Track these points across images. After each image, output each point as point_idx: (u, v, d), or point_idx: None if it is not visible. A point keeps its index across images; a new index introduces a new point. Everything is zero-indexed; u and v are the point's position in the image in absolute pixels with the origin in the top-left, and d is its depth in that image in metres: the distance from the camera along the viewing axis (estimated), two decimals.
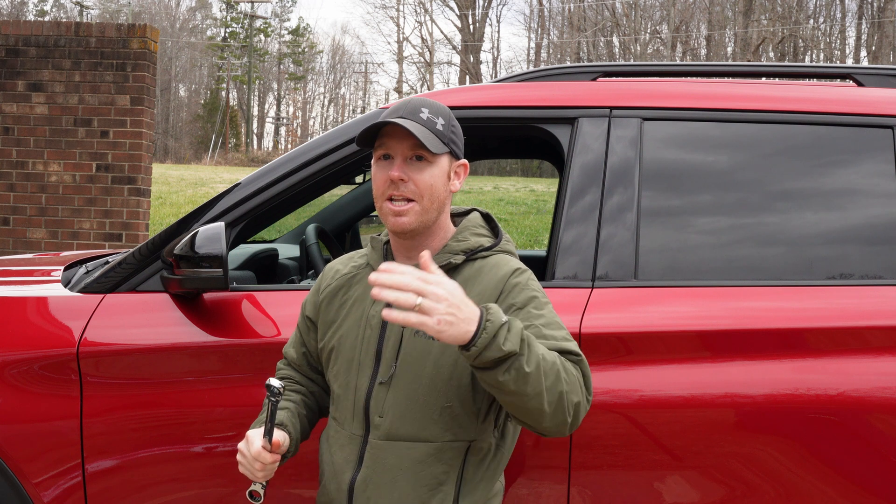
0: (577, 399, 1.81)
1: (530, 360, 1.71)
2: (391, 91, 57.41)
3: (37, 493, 2.42)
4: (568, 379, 1.79)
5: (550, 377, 1.75)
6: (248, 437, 1.93)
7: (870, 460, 2.31)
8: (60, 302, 2.61)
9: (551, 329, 1.90)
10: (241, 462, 1.94)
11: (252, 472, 1.93)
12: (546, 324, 1.90)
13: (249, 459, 1.92)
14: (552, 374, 1.75)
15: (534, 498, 2.36)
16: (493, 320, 1.69)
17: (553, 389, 1.75)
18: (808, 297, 2.42)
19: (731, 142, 2.57)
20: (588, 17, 44.43)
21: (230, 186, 2.64)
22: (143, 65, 6.93)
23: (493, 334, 1.68)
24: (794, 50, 38.79)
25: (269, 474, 1.93)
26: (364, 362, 1.98)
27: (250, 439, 1.92)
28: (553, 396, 1.75)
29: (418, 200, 1.95)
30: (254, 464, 1.91)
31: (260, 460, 1.90)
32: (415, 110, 1.95)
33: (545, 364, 1.74)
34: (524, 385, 1.72)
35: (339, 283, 2.09)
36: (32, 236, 7.03)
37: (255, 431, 1.94)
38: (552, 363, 1.76)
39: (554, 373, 1.76)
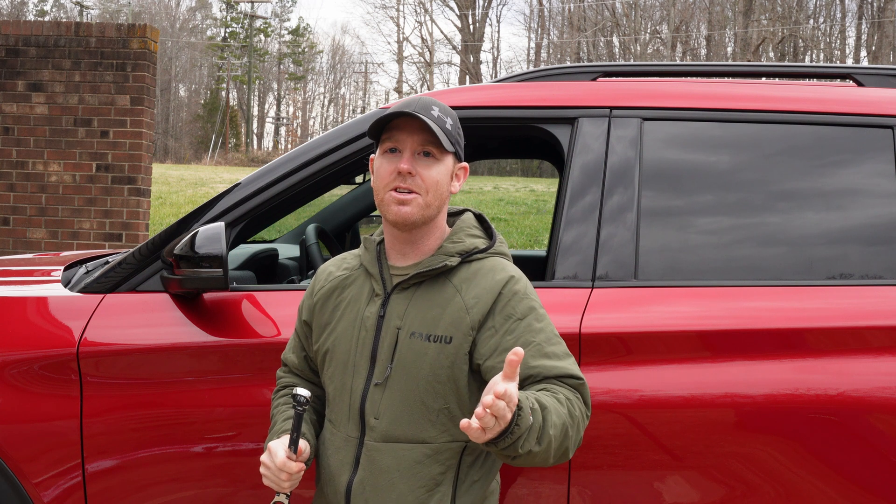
0: (578, 437, 1.86)
1: (542, 442, 1.75)
2: (391, 91, 57.44)
3: (37, 493, 2.42)
4: (574, 429, 1.83)
5: (558, 441, 1.79)
6: (270, 449, 1.91)
7: (870, 460, 2.31)
8: (60, 302, 2.61)
9: (552, 345, 1.92)
10: (266, 474, 1.92)
11: (278, 483, 1.91)
12: (547, 339, 1.92)
13: (274, 471, 1.90)
14: (560, 437, 1.79)
15: (534, 498, 2.36)
16: (521, 426, 1.69)
17: (560, 448, 1.81)
18: (808, 297, 2.42)
19: (732, 142, 2.57)
20: (588, 17, 44.44)
21: (230, 186, 2.64)
22: (143, 65, 6.93)
23: (515, 439, 1.70)
24: (794, 50, 38.79)
25: (294, 484, 1.92)
26: (359, 364, 1.98)
27: (273, 450, 1.91)
28: (559, 453, 1.82)
29: (423, 195, 1.95)
30: (280, 474, 1.89)
31: (286, 470, 1.89)
32: (426, 107, 1.95)
33: (556, 433, 1.77)
34: (531, 460, 1.78)
35: (333, 286, 2.09)
36: (32, 236, 7.03)
37: (277, 442, 1.93)
38: (561, 427, 1.79)
39: (562, 436, 1.80)
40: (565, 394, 1.86)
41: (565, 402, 1.84)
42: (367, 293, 2.02)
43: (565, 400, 1.84)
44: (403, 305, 1.97)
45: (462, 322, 1.92)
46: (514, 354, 1.62)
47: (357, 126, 2.60)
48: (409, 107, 1.94)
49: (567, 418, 1.81)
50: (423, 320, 1.94)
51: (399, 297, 1.98)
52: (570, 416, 1.83)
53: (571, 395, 1.87)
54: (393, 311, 1.97)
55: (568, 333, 2.33)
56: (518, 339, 1.90)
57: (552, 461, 1.82)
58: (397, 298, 1.98)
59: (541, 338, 1.92)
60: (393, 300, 1.98)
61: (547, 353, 1.90)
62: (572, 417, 1.83)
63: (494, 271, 1.98)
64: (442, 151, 1.97)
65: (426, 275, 1.97)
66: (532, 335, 1.91)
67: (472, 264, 2.00)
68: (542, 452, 1.76)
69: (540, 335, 1.92)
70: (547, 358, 1.89)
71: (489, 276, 1.97)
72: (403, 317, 1.96)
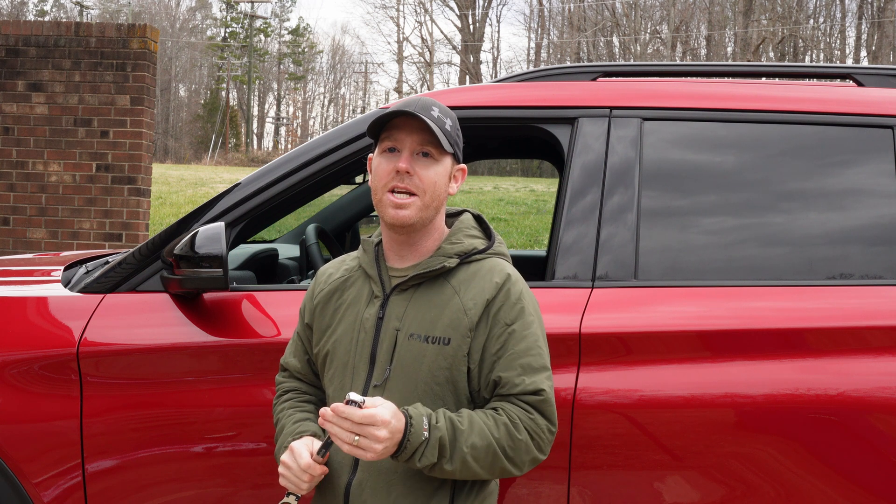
0: (530, 456, 1.91)
1: (454, 460, 1.83)
2: (391, 91, 57.43)
3: (37, 493, 2.42)
4: (512, 449, 1.88)
5: (485, 461, 1.86)
6: (294, 449, 1.91)
7: (870, 460, 2.31)
8: (60, 302, 2.61)
9: (530, 356, 1.93)
10: (285, 475, 1.91)
11: (298, 484, 1.90)
12: (526, 350, 1.93)
13: (296, 472, 1.89)
14: (486, 458, 1.86)
15: (534, 498, 2.36)
16: (412, 441, 1.80)
17: (493, 466, 1.88)
18: (809, 297, 2.42)
19: (731, 142, 2.57)
20: (588, 17, 44.43)
21: (230, 186, 2.64)
22: (143, 65, 6.93)
23: (411, 454, 1.81)
24: (794, 50, 38.79)
25: (311, 487, 1.92)
26: (358, 366, 1.98)
27: (296, 451, 1.90)
28: (493, 471, 1.89)
29: (420, 196, 1.95)
30: (302, 476, 1.89)
31: (310, 472, 1.88)
32: (426, 107, 1.95)
33: (476, 453, 1.85)
34: (450, 475, 1.86)
35: (333, 288, 2.08)
36: (32, 236, 7.03)
37: (301, 443, 1.92)
38: (485, 448, 1.85)
39: (490, 455, 1.86)
40: (513, 415, 1.89)
41: (504, 424, 1.87)
42: (367, 295, 2.02)
43: (505, 422, 1.87)
44: (402, 307, 1.97)
45: (460, 323, 1.92)
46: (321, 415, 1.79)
47: (357, 126, 2.60)
48: (409, 106, 1.94)
49: (503, 440, 1.86)
50: (421, 322, 1.94)
51: (398, 298, 1.98)
52: (510, 436, 1.86)
53: (521, 416, 1.89)
54: (392, 312, 1.97)
55: (568, 333, 2.34)
56: (502, 345, 1.92)
57: (487, 476, 1.89)
58: (396, 300, 1.98)
59: (520, 347, 1.92)
60: (392, 302, 1.98)
61: (521, 364, 1.91)
62: (512, 439, 1.87)
63: (493, 273, 1.98)
64: (441, 152, 1.96)
65: (425, 276, 1.97)
66: (514, 343, 1.92)
67: (470, 265, 2.00)
68: (461, 470, 1.84)
69: (521, 344, 1.92)
70: (520, 370, 1.91)
71: (487, 277, 1.97)
72: (402, 318, 1.96)
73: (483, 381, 1.93)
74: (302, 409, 2.08)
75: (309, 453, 1.89)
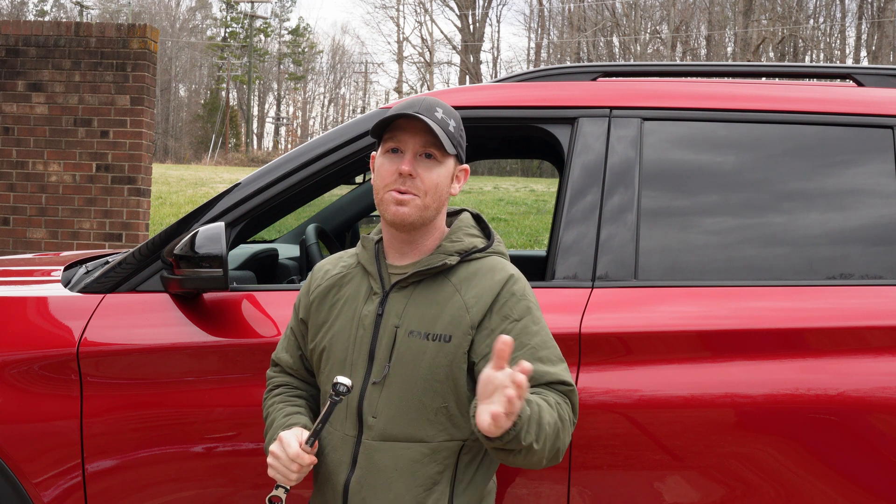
0: (568, 440, 1.89)
1: (540, 437, 1.78)
2: (391, 91, 57.43)
3: (37, 493, 2.42)
4: (564, 431, 1.86)
5: (551, 440, 1.82)
6: (283, 439, 1.90)
7: (870, 460, 2.31)
8: (60, 302, 2.61)
9: (546, 350, 1.93)
10: (274, 465, 1.91)
11: (286, 474, 1.89)
12: (542, 343, 1.93)
13: (285, 461, 1.89)
14: (552, 436, 1.82)
15: (534, 498, 2.36)
16: (522, 415, 1.73)
17: (552, 448, 1.84)
18: (809, 297, 2.42)
19: (731, 142, 2.57)
20: (588, 17, 44.43)
21: (230, 186, 2.64)
22: (143, 65, 6.93)
23: (518, 431, 1.73)
24: (794, 50, 38.79)
25: (300, 478, 1.91)
26: (357, 362, 1.98)
27: (285, 441, 1.90)
28: (552, 454, 1.85)
29: (422, 197, 1.95)
30: (290, 465, 1.88)
31: (298, 462, 1.88)
32: (430, 108, 1.95)
33: (550, 431, 1.81)
34: (531, 458, 1.81)
35: (330, 284, 2.08)
36: (32, 236, 7.03)
37: (290, 433, 1.92)
38: (554, 426, 1.82)
39: (554, 435, 1.83)
40: (555, 398, 1.88)
41: (555, 405, 1.86)
42: (365, 291, 2.02)
43: (555, 403, 1.87)
44: (402, 304, 1.97)
45: (462, 321, 1.92)
46: (502, 342, 1.64)
47: (357, 126, 2.60)
48: (413, 108, 1.94)
49: (558, 420, 1.84)
50: (421, 319, 1.94)
51: (397, 295, 1.98)
52: (560, 418, 1.85)
53: (561, 400, 1.89)
54: (391, 309, 1.97)
55: (568, 333, 2.33)
56: (514, 338, 1.90)
57: (545, 462, 1.84)
58: (395, 297, 1.98)
59: (535, 341, 1.92)
60: (391, 299, 1.98)
61: (540, 357, 1.91)
62: (562, 420, 1.86)
63: (494, 271, 1.98)
64: (443, 154, 1.97)
65: (425, 273, 1.97)
66: (528, 338, 1.92)
67: (471, 263, 2.00)
68: (539, 451, 1.79)
69: (535, 338, 1.93)
70: (540, 363, 1.91)
71: (489, 275, 1.97)
72: (402, 315, 1.96)
73: None
74: (292, 403, 2.08)
75: (298, 442, 1.88)
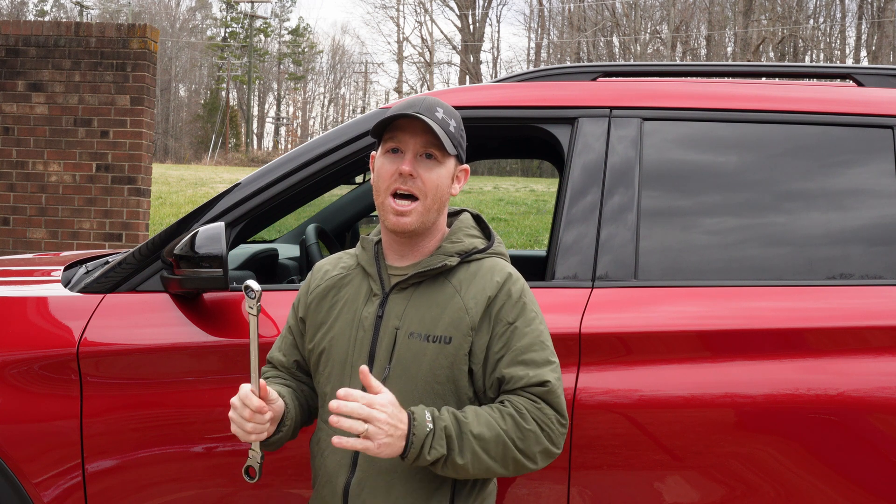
0: (541, 447, 1.88)
1: (464, 452, 1.81)
2: (391, 91, 57.43)
3: (37, 493, 2.42)
4: (521, 440, 1.86)
5: (496, 452, 1.84)
6: (241, 388, 1.88)
7: (870, 460, 2.31)
8: (60, 302, 2.61)
9: (532, 352, 1.92)
10: (232, 417, 1.88)
11: (242, 425, 1.87)
12: (528, 345, 1.93)
13: (239, 409, 1.86)
14: (497, 448, 1.84)
15: (534, 498, 2.36)
16: (418, 434, 1.79)
17: (505, 458, 1.85)
18: (808, 297, 2.42)
19: (731, 142, 2.57)
20: (588, 17, 44.43)
21: (230, 186, 2.64)
22: (143, 65, 6.93)
23: (419, 448, 1.79)
24: (794, 50, 38.79)
25: (258, 431, 1.88)
26: (357, 364, 1.97)
27: (241, 388, 1.87)
28: (507, 464, 1.86)
29: (422, 199, 1.94)
30: (243, 412, 1.85)
31: (247, 404, 1.84)
32: (431, 108, 1.94)
33: (485, 444, 1.83)
34: (464, 472, 1.84)
35: (330, 284, 2.08)
36: (32, 236, 7.03)
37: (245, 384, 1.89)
38: (495, 438, 1.84)
39: (500, 446, 1.84)
40: (518, 405, 1.87)
41: (509, 415, 1.86)
42: (365, 293, 2.02)
43: (511, 413, 1.86)
44: (402, 305, 1.97)
45: (462, 322, 1.92)
46: (360, 371, 1.77)
47: (357, 126, 2.60)
48: (414, 108, 1.93)
49: (510, 431, 1.84)
50: (421, 320, 1.94)
51: (397, 296, 1.98)
52: (517, 427, 1.85)
53: (527, 406, 1.88)
54: (391, 310, 1.97)
55: (568, 333, 2.34)
56: (505, 343, 1.92)
57: (504, 472, 1.87)
58: (396, 298, 1.98)
59: (522, 343, 1.92)
60: (391, 300, 1.98)
61: (523, 360, 1.91)
62: (520, 429, 1.86)
63: (493, 272, 1.98)
64: (444, 154, 1.96)
65: (425, 275, 1.97)
66: (516, 340, 1.92)
67: (471, 264, 2.00)
68: (473, 463, 1.82)
69: (522, 340, 1.92)
70: (523, 366, 1.90)
71: (488, 276, 1.97)
72: (402, 317, 1.96)
73: (488, 380, 1.93)
74: (282, 382, 2.09)
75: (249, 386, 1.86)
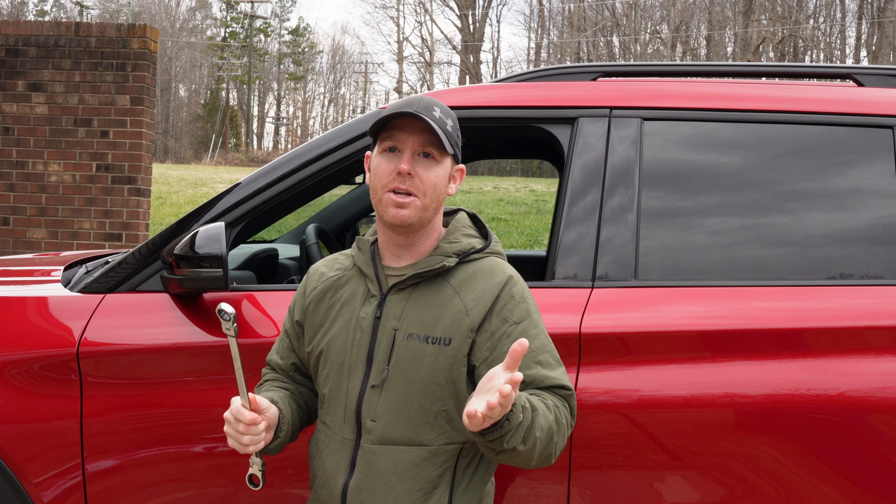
0: (564, 444, 1.89)
1: (528, 440, 1.79)
2: (391, 91, 57.42)
3: (37, 493, 2.42)
4: (559, 435, 1.86)
5: (542, 444, 1.83)
6: (232, 401, 1.88)
7: (870, 460, 2.31)
8: (60, 302, 2.61)
9: (544, 354, 1.94)
10: (227, 431, 1.88)
11: (237, 437, 1.87)
12: (541, 347, 1.94)
13: (232, 422, 1.86)
14: (545, 440, 1.83)
15: (534, 498, 2.36)
16: (512, 421, 1.73)
17: (543, 452, 1.84)
18: (808, 297, 2.42)
19: (731, 142, 2.57)
20: (588, 17, 44.42)
21: (230, 186, 2.64)
22: (143, 65, 6.93)
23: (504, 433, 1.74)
24: (794, 50, 38.79)
25: (254, 442, 1.88)
26: (355, 365, 1.97)
27: (232, 402, 1.88)
28: (542, 456, 1.85)
29: (420, 197, 1.94)
30: (237, 426, 1.85)
31: (239, 418, 1.84)
32: (428, 107, 1.94)
33: (542, 435, 1.81)
34: (514, 458, 1.82)
35: (326, 286, 2.07)
36: (32, 236, 7.03)
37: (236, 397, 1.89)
38: (547, 431, 1.83)
39: (547, 439, 1.83)
40: (554, 401, 1.89)
41: (553, 408, 1.87)
42: (362, 294, 2.01)
43: (553, 407, 1.87)
44: (400, 306, 1.96)
45: (461, 324, 1.92)
46: (518, 345, 1.65)
47: (357, 126, 2.60)
48: (412, 107, 1.93)
49: (554, 424, 1.84)
50: (420, 322, 1.94)
51: (395, 297, 1.97)
52: (557, 422, 1.86)
53: (559, 403, 1.90)
54: (389, 312, 1.96)
55: (568, 333, 2.34)
56: (514, 342, 1.90)
57: (534, 463, 1.85)
58: (393, 299, 1.97)
59: (535, 345, 1.93)
60: (389, 301, 1.97)
61: (540, 360, 1.92)
62: (558, 424, 1.86)
63: (493, 272, 1.98)
64: (442, 153, 1.96)
65: (423, 275, 1.97)
66: (528, 341, 1.91)
67: (469, 265, 2.00)
68: (526, 453, 1.80)
69: (535, 342, 1.93)
70: (540, 366, 1.91)
71: (488, 277, 1.97)
72: (400, 318, 1.95)
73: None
74: (274, 390, 2.07)
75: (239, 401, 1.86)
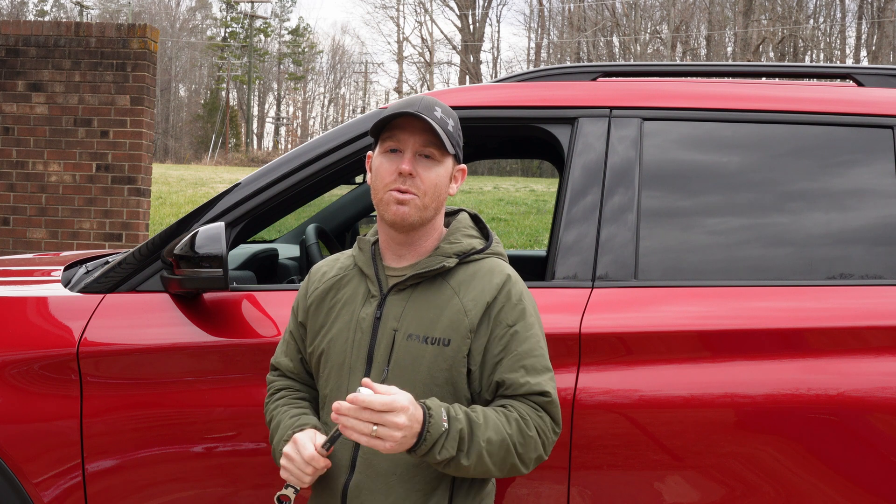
0: (536, 454, 1.90)
1: (471, 454, 1.81)
2: (391, 91, 57.42)
3: (37, 493, 2.42)
4: (522, 445, 1.87)
5: (498, 456, 1.84)
6: (298, 441, 1.89)
7: (870, 460, 2.31)
8: (60, 302, 2.61)
9: (532, 357, 1.93)
10: (287, 467, 1.90)
11: (300, 476, 1.89)
12: (527, 352, 1.93)
13: (299, 464, 1.88)
14: (500, 453, 1.84)
15: (534, 498, 2.36)
16: (433, 433, 1.77)
17: (504, 463, 1.86)
18: (809, 297, 2.42)
19: (732, 142, 2.57)
20: (588, 17, 44.43)
21: (230, 186, 2.64)
22: (143, 65, 6.93)
23: (430, 446, 1.78)
24: (794, 50, 38.78)
25: (313, 480, 1.91)
26: (355, 365, 1.97)
27: (300, 442, 1.89)
28: (504, 468, 1.87)
29: (421, 197, 1.94)
30: (305, 468, 1.87)
31: (313, 465, 1.87)
32: (430, 107, 1.94)
33: (491, 448, 1.83)
34: (464, 472, 1.84)
35: (328, 286, 2.07)
36: (32, 236, 7.03)
37: (304, 435, 1.91)
38: (500, 443, 1.84)
39: (503, 451, 1.84)
40: (522, 412, 1.88)
41: (515, 420, 1.87)
42: (363, 294, 2.01)
43: (517, 419, 1.87)
44: (400, 307, 1.96)
45: (461, 324, 1.92)
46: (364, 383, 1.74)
47: (357, 126, 2.60)
48: (413, 107, 1.93)
49: (516, 436, 1.85)
50: (420, 322, 1.94)
51: (395, 298, 1.97)
52: (521, 433, 1.86)
53: (531, 414, 1.89)
54: (389, 312, 1.96)
55: (568, 333, 2.34)
56: (504, 346, 1.92)
57: (497, 474, 1.87)
58: (394, 300, 1.97)
59: (523, 348, 1.92)
60: (389, 301, 1.97)
61: (524, 365, 1.91)
62: (523, 435, 1.86)
63: (492, 273, 1.97)
64: (443, 153, 1.96)
65: (424, 276, 1.97)
66: (516, 344, 1.92)
67: (469, 265, 1.99)
68: (478, 465, 1.82)
69: (523, 345, 1.92)
70: (524, 371, 1.91)
71: (487, 277, 1.97)
72: (400, 318, 1.95)
73: (485, 382, 1.93)
74: (297, 405, 2.06)
75: (313, 445, 1.88)
